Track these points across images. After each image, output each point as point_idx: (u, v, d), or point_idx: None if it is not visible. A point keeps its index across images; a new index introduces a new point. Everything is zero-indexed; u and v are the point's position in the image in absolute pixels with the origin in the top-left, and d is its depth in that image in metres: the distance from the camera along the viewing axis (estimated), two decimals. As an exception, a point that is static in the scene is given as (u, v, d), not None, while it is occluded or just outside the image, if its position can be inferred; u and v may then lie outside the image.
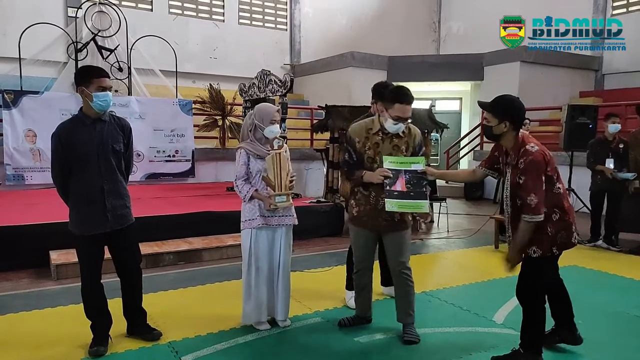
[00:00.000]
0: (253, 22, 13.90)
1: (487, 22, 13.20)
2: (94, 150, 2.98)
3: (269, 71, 7.55)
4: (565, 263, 2.85)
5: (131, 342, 3.23)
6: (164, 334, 3.32)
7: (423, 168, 3.10)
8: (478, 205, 10.18)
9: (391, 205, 3.08)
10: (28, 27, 8.64)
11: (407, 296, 3.34)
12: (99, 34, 9.33)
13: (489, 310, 3.90)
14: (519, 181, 2.76)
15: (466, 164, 12.57)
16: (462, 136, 12.91)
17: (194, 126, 9.64)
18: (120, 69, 9.37)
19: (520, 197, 2.77)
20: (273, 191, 3.28)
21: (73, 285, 4.16)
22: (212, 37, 13.06)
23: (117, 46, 9.43)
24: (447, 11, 16.42)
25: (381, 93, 3.38)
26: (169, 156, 9.29)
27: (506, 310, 3.88)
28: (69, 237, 3.09)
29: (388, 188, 3.09)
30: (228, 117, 10.04)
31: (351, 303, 3.89)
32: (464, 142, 12.60)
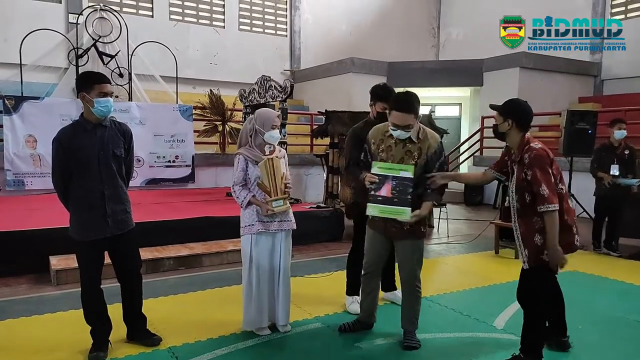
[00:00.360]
0: (253, 28, 13.97)
1: (487, 28, 13.27)
2: (95, 155, 2.98)
3: (269, 77, 7.57)
4: (565, 268, 2.86)
5: (131, 348, 3.22)
6: (164, 340, 3.32)
7: (412, 176, 3.09)
8: (478, 210, 10.18)
9: (372, 209, 3.14)
10: (29, 33, 8.68)
11: (414, 306, 3.35)
12: (100, 40, 9.38)
13: (490, 315, 3.89)
14: (526, 177, 2.82)
15: (466, 169, 12.57)
16: (462, 142, 12.93)
17: (194, 132, 9.65)
18: (120, 75, 9.41)
19: (531, 192, 2.82)
20: (269, 197, 3.29)
21: (73, 290, 4.16)
22: (213, 43, 13.11)
23: (118, 52, 9.48)
24: (447, 17, 16.50)
25: (378, 94, 3.38)
26: (169, 162, 9.29)
27: (506, 315, 3.88)
28: (69, 243, 3.08)
29: (372, 193, 3.13)
30: (228, 123, 10.09)
31: (351, 308, 3.89)
32: (464, 148, 12.62)
